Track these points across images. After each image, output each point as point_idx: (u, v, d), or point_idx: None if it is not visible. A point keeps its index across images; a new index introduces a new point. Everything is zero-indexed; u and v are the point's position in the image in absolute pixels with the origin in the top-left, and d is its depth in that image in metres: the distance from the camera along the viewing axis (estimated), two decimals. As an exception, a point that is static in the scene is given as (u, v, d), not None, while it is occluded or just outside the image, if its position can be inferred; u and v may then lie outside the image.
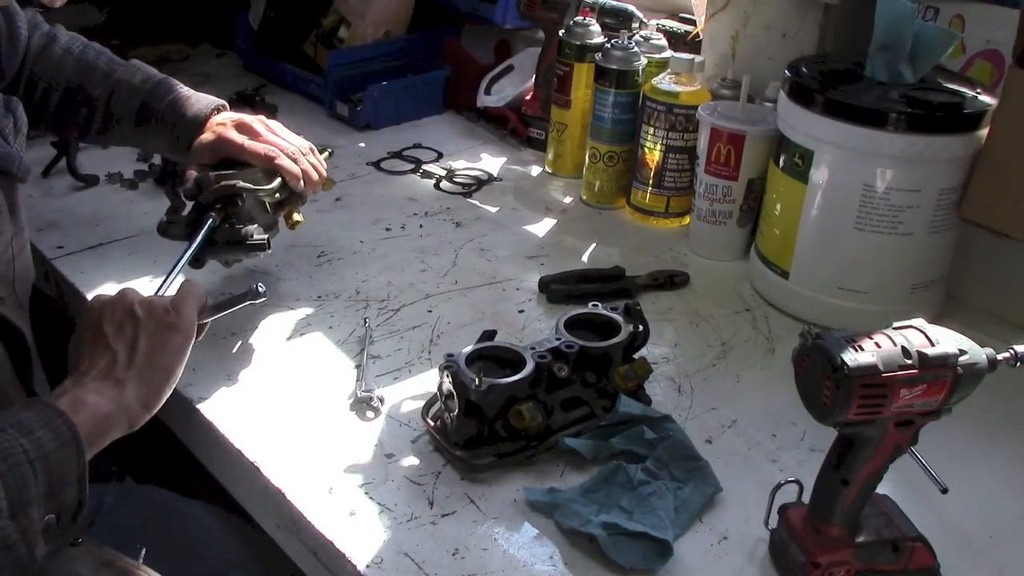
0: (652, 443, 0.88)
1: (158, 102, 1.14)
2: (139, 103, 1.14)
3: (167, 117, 1.13)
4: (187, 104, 1.14)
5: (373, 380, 1.00)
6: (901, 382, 0.68)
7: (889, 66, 1.07)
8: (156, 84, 1.15)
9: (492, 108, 1.65)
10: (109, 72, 1.15)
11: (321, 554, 0.82)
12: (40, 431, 0.69)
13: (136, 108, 1.14)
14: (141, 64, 1.18)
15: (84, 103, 1.14)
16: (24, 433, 0.68)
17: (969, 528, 0.85)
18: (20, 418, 0.70)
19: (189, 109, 1.13)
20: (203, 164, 1.09)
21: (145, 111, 1.14)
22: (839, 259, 1.11)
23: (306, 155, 1.13)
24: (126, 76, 1.15)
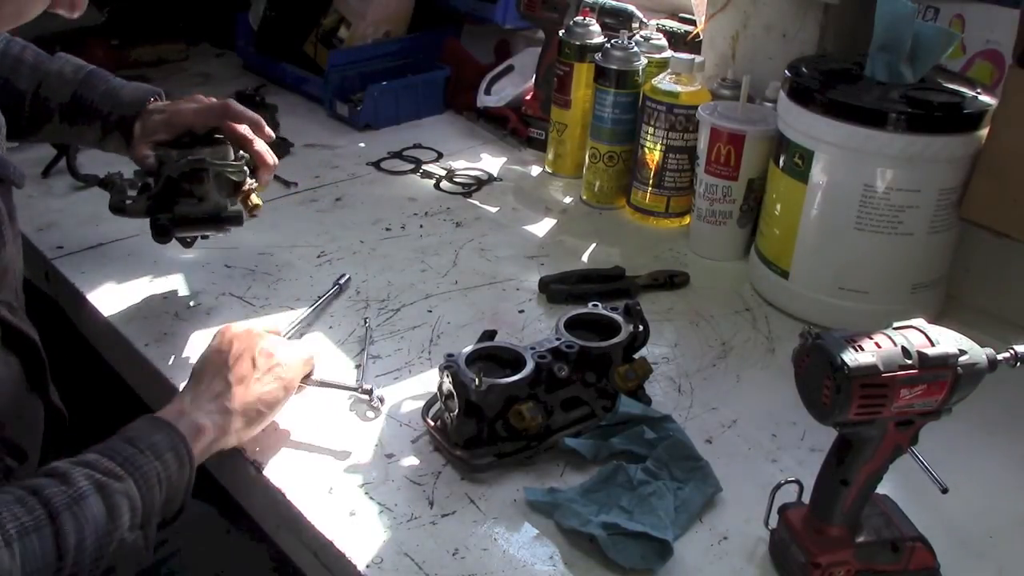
0: (652, 443, 0.88)
1: (91, 91, 1.11)
2: (71, 93, 1.11)
3: (102, 105, 1.10)
4: (122, 92, 1.11)
5: (373, 380, 0.99)
6: (901, 382, 0.68)
7: (889, 66, 1.07)
8: (88, 74, 1.12)
9: (492, 108, 1.65)
10: (37, 65, 1.12)
11: (321, 554, 0.82)
12: (167, 454, 0.79)
13: (68, 98, 1.11)
14: (69, 56, 1.15)
15: (9, 97, 1.10)
16: (157, 456, 0.78)
17: (969, 528, 0.85)
18: (154, 440, 0.79)
19: (125, 96, 1.11)
20: (158, 142, 1.08)
21: (77, 100, 1.11)
22: (839, 259, 1.11)
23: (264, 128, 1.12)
24: (55, 67, 1.12)
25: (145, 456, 0.77)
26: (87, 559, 0.71)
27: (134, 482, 0.75)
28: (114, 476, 0.74)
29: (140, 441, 0.78)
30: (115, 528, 0.73)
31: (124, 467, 0.75)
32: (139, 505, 0.75)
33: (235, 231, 1.23)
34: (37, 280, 1.25)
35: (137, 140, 1.09)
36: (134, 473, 0.76)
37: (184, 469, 0.80)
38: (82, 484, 0.72)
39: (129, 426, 0.81)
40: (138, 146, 1.08)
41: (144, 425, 0.81)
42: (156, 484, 0.77)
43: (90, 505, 0.72)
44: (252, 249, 1.25)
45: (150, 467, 0.77)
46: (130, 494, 0.75)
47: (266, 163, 1.11)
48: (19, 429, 0.91)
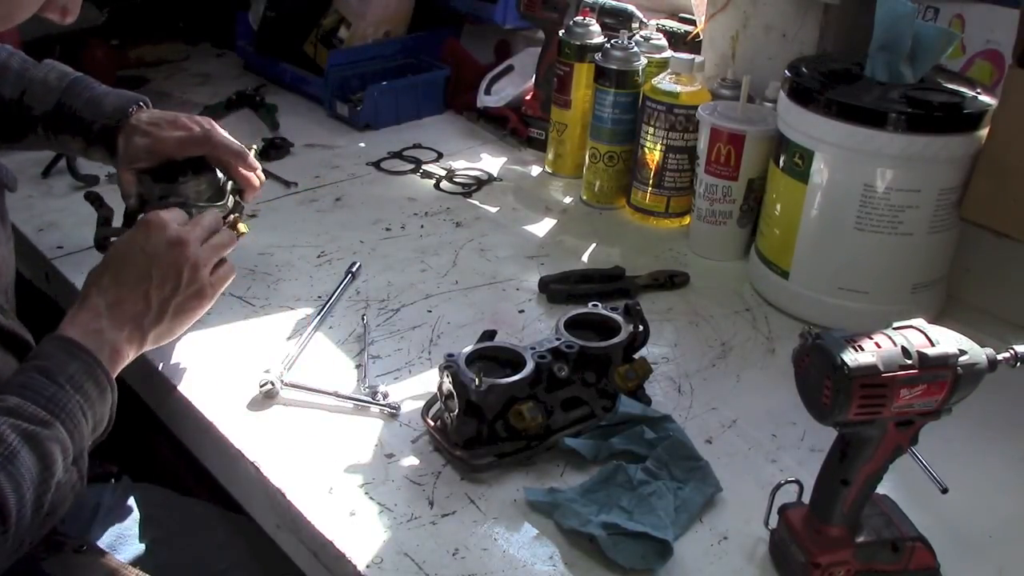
0: (652, 443, 0.88)
1: (74, 99, 1.09)
2: (55, 101, 1.09)
3: (85, 114, 1.09)
4: (104, 101, 1.10)
5: (375, 379, 0.99)
6: (901, 382, 0.68)
7: (889, 66, 1.07)
8: (72, 82, 1.11)
9: (492, 108, 1.65)
10: (22, 72, 1.10)
11: (321, 554, 0.82)
12: (87, 383, 0.79)
13: (51, 106, 1.09)
14: (56, 63, 1.13)
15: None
16: (77, 388, 0.78)
17: (969, 528, 0.85)
18: (71, 372, 0.78)
19: (107, 106, 1.09)
20: (141, 169, 1.06)
21: (61, 108, 1.09)
22: (839, 259, 1.11)
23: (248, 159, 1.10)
24: (40, 75, 1.10)
25: (66, 392, 0.77)
26: (28, 510, 0.71)
27: (61, 424, 0.75)
28: (41, 423, 0.74)
29: (58, 374, 0.77)
30: (50, 475, 0.73)
31: (48, 409, 0.75)
32: (69, 445, 0.75)
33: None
34: (37, 280, 1.25)
35: (120, 162, 1.07)
36: (59, 414, 0.75)
37: (105, 395, 0.80)
38: (11, 439, 0.71)
39: (41, 351, 0.80)
40: (121, 173, 1.07)
41: (58, 353, 0.79)
42: (82, 418, 0.77)
43: (23, 460, 0.71)
44: (252, 249, 1.25)
45: (73, 403, 0.77)
46: (59, 438, 0.74)
47: (252, 186, 1.10)
48: None
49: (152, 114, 1.09)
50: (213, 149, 1.07)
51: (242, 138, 1.38)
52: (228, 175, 1.09)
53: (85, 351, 0.80)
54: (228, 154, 1.07)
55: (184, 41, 1.97)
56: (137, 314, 0.86)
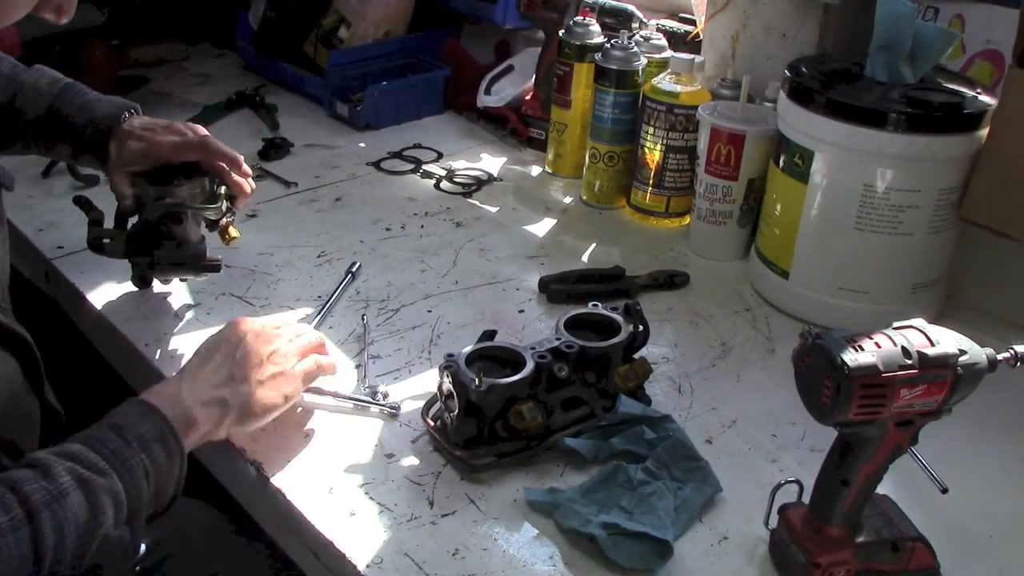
0: (652, 443, 0.88)
1: (66, 105, 1.09)
2: (46, 106, 1.09)
3: (77, 119, 1.09)
4: (96, 107, 1.10)
5: (375, 379, 0.99)
6: (901, 382, 0.68)
7: (889, 66, 1.07)
8: (64, 87, 1.11)
9: (492, 108, 1.65)
10: (13, 77, 1.10)
11: (321, 554, 0.82)
12: (155, 445, 0.77)
13: (43, 111, 1.09)
14: (46, 68, 1.13)
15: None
16: (144, 448, 0.76)
17: (969, 528, 0.85)
18: (141, 431, 0.77)
19: (100, 111, 1.09)
20: (135, 173, 1.07)
21: (53, 114, 1.09)
22: (839, 259, 1.11)
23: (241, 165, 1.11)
24: (31, 80, 1.10)
25: (131, 448, 0.75)
26: (68, 557, 0.69)
27: (118, 477, 0.73)
28: (98, 471, 0.72)
29: (127, 431, 0.76)
30: (98, 525, 0.71)
31: (109, 460, 0.73)
32: (123, 500, 0.73)
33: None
34: (37, 280, 1.25)
35: (113, 166, 1.08)
36: (119, 467, 0.73)
37: (174, 461, 0.78)
38: (64, 480, 0.70)
39: (117, 410, 0.79)
40: (115, 176, 1.08)
41: (132, 411, 0.79)
42: (143, 477, 0.75)
43: (71, 503, 0.70)
44: (252, 249, 1.25)
45: (136, 460, 0.75)
46: (114, 490, 0.72)
47: (244, 193, 1.11)
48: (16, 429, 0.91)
49: (145, 120, 1.10)
50: (208, 155, 1.08)
51: (242, 138, 1.38)
52: (221, 180, 1.10)
53: (159, 414, 0.79)
54: (223, 160, 1.08)
55: (184, 41, 1.97)
56: (216, 385, 0.84)
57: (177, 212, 1.05)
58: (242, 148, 1.51)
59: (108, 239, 1.07)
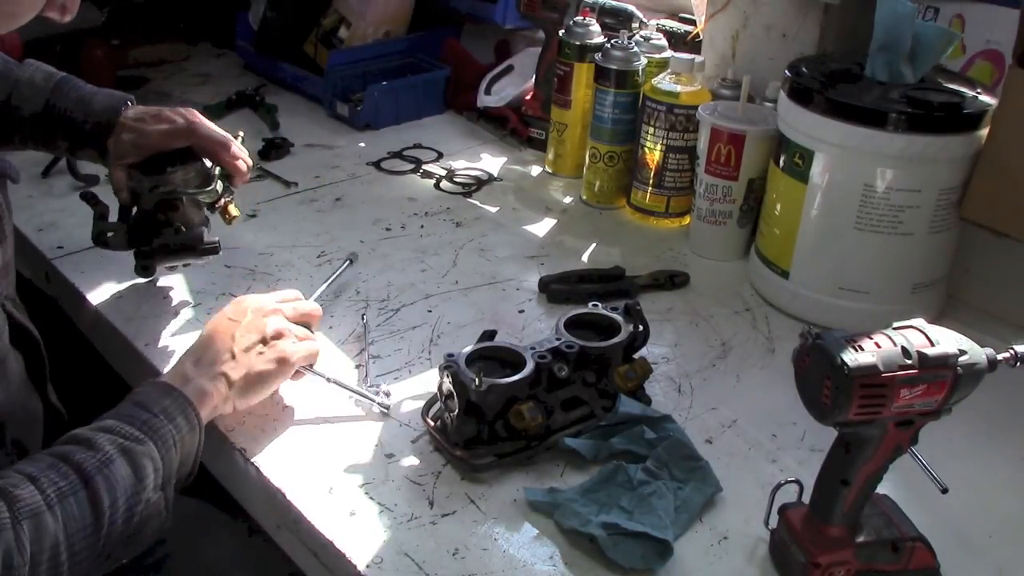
0: (652, 443, 0.88)
1: (63, 99, 1.09)
2: (43, 101, 1.09)
3: (75, 113, 1.09)
4: (94, 100, 1.10)
5: (375, 379, 0.99)
6: (901, 382, 0.68)
7: (889, 66, 1.07)
8: (59, 82, 1.11)
9: (492, 108, 1.65)
10: (7, 73, 1.10)
11: (321, 554, 0.82)
12: (179, 418, 0.82)
13: (40, 107, 1.09)
14: (39, 64, 1.13)
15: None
16: (170, 420, 0.82)
17: (969, 528, 0.85)
18: (164, 405, 0.82)
19: (98, 104, 1.10)
20: (129, 165, 1.08)
21: (50, 109, 1.09)
22: (839, 259, 1.11)
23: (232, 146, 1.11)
24: (26, 75, 1.10)
25: (159, 420, 0.81)
26: (120, 518, 0.75)
27: (154, 444, 0.79)
28: (135, 440, 0.78)
29: (153, 405, 0.82)
30: (143, 488, 0.77)
31: (143, 430, 0.79)
32: (160, 466, 0.79)
33: (235, 231, 1.23)
34: (37, 280, 1.25)
35: (111, 160, 1.09)
36: (153, 436, 0.79)
37: (194, 432, 0.83)
38: (108, 448, 0.76)
39: (137, 391, 0.84)
40: (112, 171, 1.08)
41: (153, 391, 0.84)
42: (172, 446, 0.80)
43: (118, 467, 0.75)
44: (252, 249, 1.25)
45: (166, 430, 0.80)
46: (152, 455, 0.78)
47: (239, 171, 1.11)
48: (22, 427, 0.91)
49: (137, 110, 1.11)
50: (197, 139, 1.08)
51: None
52: (215, 162, 1.10)
53: (177, 391, 0.84)
54: (212, 143, 1.09)
55: (184, 41, 1.97)
56: (222, 361, 0.89)
57: (173, 199, 1.05)
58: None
59: (111, 232, 1.07)
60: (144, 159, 1.08)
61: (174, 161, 1.08)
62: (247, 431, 0.92)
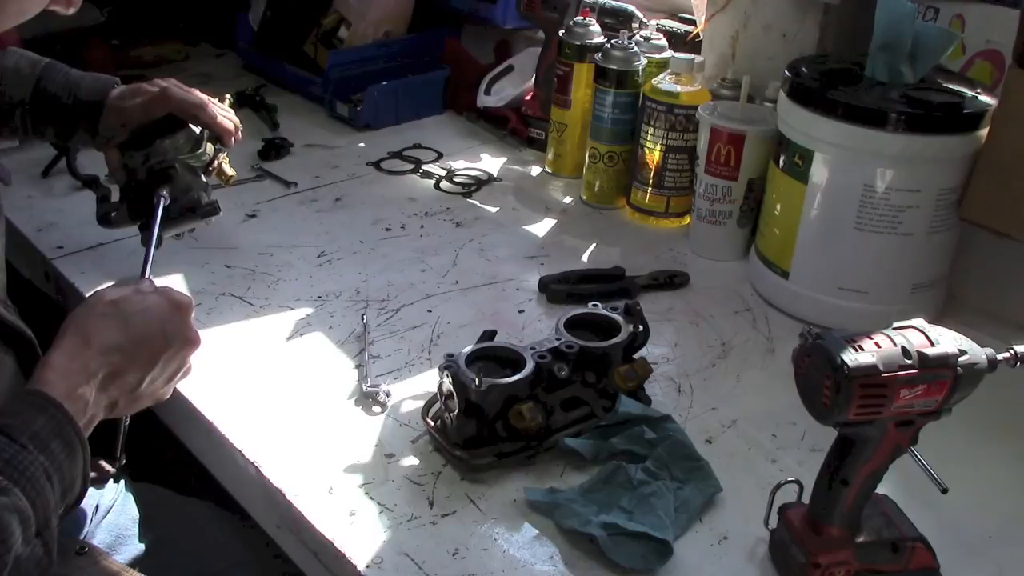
0: (652, 443, 0.88)
1: (51, 84, 1.09)
2: (32, 88, 1.09)
3: (64, 97, 1.09)
4: (82, 83, 1.10)
5: (375, 379, 0.99)
6: (901, 382, 0.68)
7: (889, 66, 1.07)
8: (45, 67, 1.11)
9: (492, 108, 1.65)
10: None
11: (321, 554, 0.82)
12: (54, 442, 0.69)
13: (28, 94, 1.09)
14: (23, 51, 1.12)
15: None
16: (41, 448, 0.68)
17: (969, 528, 0.85)
18: (36, 429, 0.69)
19: (86, 87, 1.10)
20: (119, 144, 1.08)
21: (39, 95, 1.09)
22: (839, 259, 1.11)
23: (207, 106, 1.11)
24: (10, 63, 1.09)
25: (28, 452, 0.67)
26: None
27: (21, 490, 0.66)
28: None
29: (20, 431, 0.68)
30: (6, 550, 0.63)
31: (6, 473, 0.66)
32: (30, 515, 0.66)
33: (235, 231, 1.23)
34: (37, 280, 1.25)
35: (101, 143, 1.10)
36: (19, 479, 0.66)
37: (75, 454, 0.71)
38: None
39: (7, 407, 0.70)
40: (105, 153, 1.09)
41: (23, 407, 0.70)
42: (46, 483, 0.68)
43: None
44: (252, 249, 1.25)
45: (36, 467, 0.67)
46: (19, 507, 0.65)
47: (226, 129, 1.11)
48: None
49: (119, 90, 1.11)
50: (174, 105, 1.08)
51: (242, 138, 1.37)
52: (198, 125, 1.10)
53: (55, 406, 0.71)
54: (187, 106, 1.09)
55: (184, 41, 1.96)
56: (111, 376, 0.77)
57: (165, 168, 1.05)
58: (242, 148, 1.52)
59: (114, 212, 1.08)
60: (132, 135, 1.08)
61: (162, 132, 1.08)
62: (247, 431, 0.92)
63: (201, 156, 1.08)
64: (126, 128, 1.08)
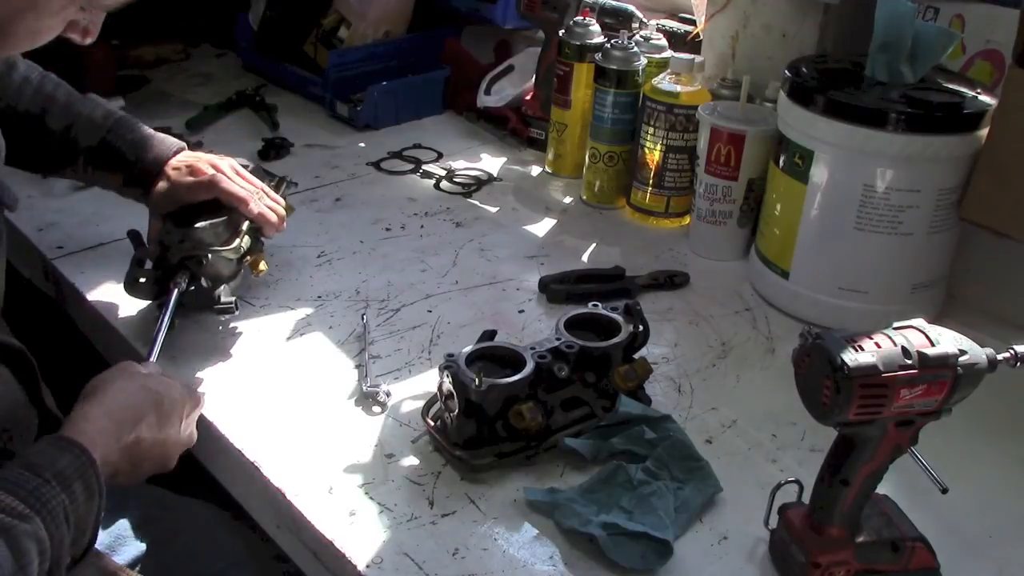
0: (652, 443, 0.88)
1: (120, 139, 1.10)
2: (99, 139, 1.10)
3: (129, 154, 1.10)
4: (148, 145, 1.10)
5: (375, 379, 0.99)
6: (901, 382, 0.68)
7: (889, 66, 1.07)
8: (117, 121, 1.11)
9: (492, 108, 1.65)
10: (68, 105, 1.11)
11: (321, 554, 0.82)
12: (76, 483, 0.72)
13: (96, 144, 1.10)
14: (99, 99, 1.14)
15: (38, 135, 1.10)
16: (64, 487, 0.71)
17: (969, 528, 0.85)
18: (60, 467, 0.72)
19: (150, 151, 1.10)
20: (164, 215, 1.08)
21: (104, 148, 1.10)
22: (839, 259, 1.11)
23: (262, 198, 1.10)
24: (86, 110, 1.11)
25: (51, 487, 0.70)
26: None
27: (42, 520, 0.68)
28: (20, 516, 0.67)
29: (45, 469, 0.71)
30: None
31: (29, 503, 0.68)
32: (47, 547, 0.68)
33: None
34: (37, 280, 1.25)
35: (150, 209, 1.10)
36: (41, 509, 0.69)
37: (93, 499, 0.73)
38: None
39: (32, 449, 0.74)
40: (150, 219, 1.09)
41: (49, 448, 0.74)
42: (64, 520, 0.70)
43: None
44: (252, 249, 1.25)
45: (56, 501, 0.70)
46: (39, 536, 0.67)
47: (269, 223, 1.09)
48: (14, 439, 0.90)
49: (179, 159, 1.11)
50: (218, 194, 1.07)
51: (242, 138, 1.38)
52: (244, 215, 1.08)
53: (78, 446, 0.74)
54: (231, 198, 1.07)
55: (184, 41, 1.96)
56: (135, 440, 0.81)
57: (195, 256, 1.03)
58: (242, 148, 1.52)
59: (143, 279, 1.05)
60: (177, 209, 1.08)
61: (202, 215, 1.06)
62: (247, 431, 0.92)
63: (237, 249, 1.06)
64: (172, 202, 1.08)
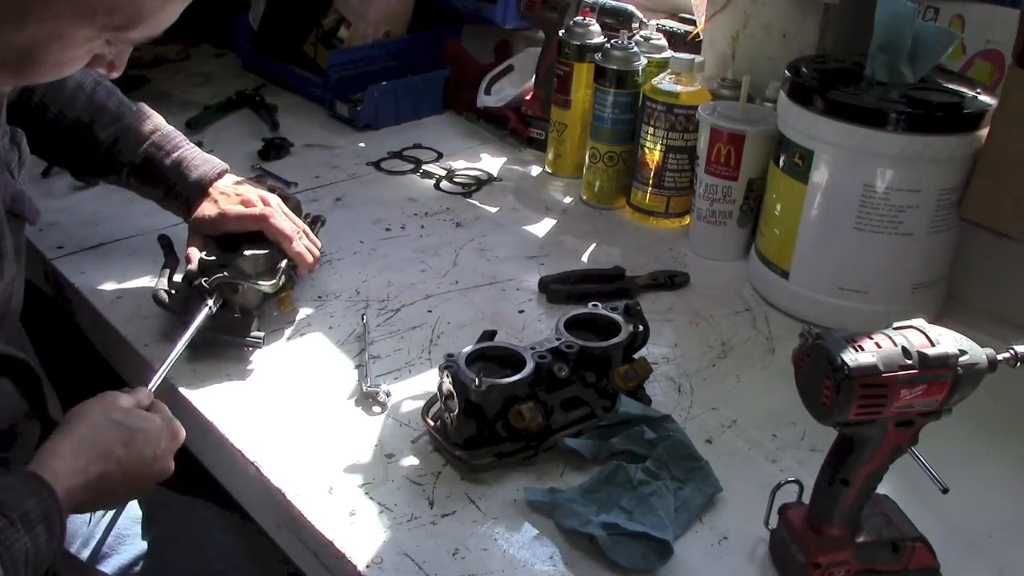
0: (652, 443, 0.88)
1: (164, 156, 1.11)
2: (144, 153, 1.11)
3: (170, 173, 1.11)
4: (191, 164, 1.11)
5: (375, 379, 0.99)
6: (901, 382, 0.68)
7: (889, 66, 1.07)
8: (164, 136, 1.12)
9: (492, 108, 1.65)
10: (118, 115, 1.12)
11: (321, 554, 0.82)
12: (39, 526, 0.72)
13: (141, 157, 1.11)
14: (150, 112, 1.15)
15: (86, 143, 1.11)
16: (28, 529, 0.71)
17: (969, 528, 0.85)
18: (27, 508, 0.72)
19: (193, 171, 1.11)
20: (206, 236, 1.08)
21: (149, 162, 1.11)
22: (839, 259, 1.11)
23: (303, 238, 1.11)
24: (135, 123, 1.12)
25: (15, 530, 0.70)
26: None
27: (1, 565, 0.69)
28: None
29: (12, 509, 0.71)
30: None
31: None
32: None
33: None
34: (37, 280, 1.25)
35: (190, 225, 1.10)
36: (3, 553, 0.69)
37: (53, 542, 0.74)
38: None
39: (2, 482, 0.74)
40: (190, 236, 1.10)
41: (19, 486, 0.74)
42: (23, 564, 0.71)
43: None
44: (252, 249, 1.25)
45: (19, 545, 0.70)
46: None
47: (305, 264, 1.10)
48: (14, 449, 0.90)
49: (226, 182, 1.12)
50: (266, 228, 1.08)
51: (242, 138, 1.37)
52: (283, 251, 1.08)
53: (47, 487, 0.74)
54: (278, 236, 1.08)
55: (184, 41, 1.96)
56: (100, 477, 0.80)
57: (232, 284, 1.03)
58: (242, 148, 1.53)
59: (173, 292, 1.05)
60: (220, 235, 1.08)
61: (244, 241, 1.07)
62: (247, 431, 0.92)
63: (272, 286, 1.06)
64: (217, 227, 1.08)
